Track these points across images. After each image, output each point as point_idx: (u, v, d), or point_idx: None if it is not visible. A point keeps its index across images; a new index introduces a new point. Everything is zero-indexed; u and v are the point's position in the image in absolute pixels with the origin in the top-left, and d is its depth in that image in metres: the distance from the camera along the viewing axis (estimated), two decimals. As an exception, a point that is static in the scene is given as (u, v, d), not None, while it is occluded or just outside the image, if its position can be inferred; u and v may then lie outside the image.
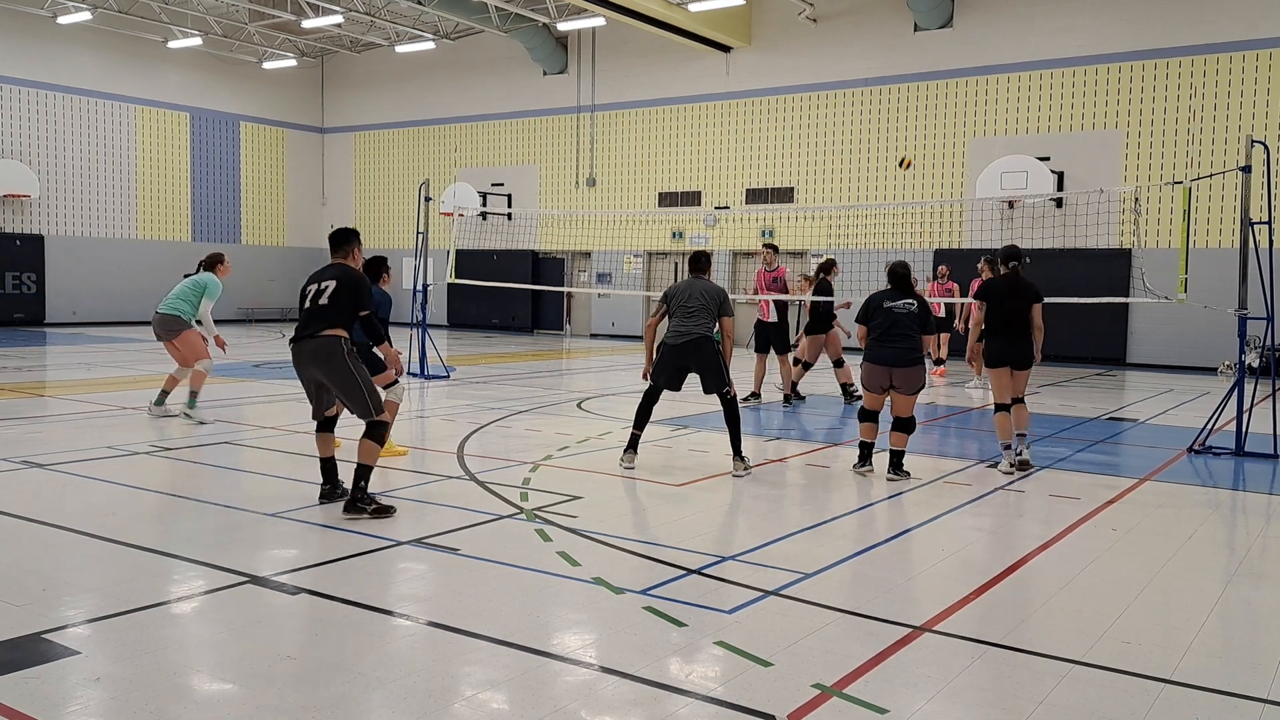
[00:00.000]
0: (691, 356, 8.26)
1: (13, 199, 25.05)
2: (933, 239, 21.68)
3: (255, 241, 30.54)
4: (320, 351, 6.44)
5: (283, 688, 3.82)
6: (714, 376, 8.26)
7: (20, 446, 8.71)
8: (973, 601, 5.01)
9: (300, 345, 6.52)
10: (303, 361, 6.54)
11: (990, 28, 21.07)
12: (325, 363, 6.44)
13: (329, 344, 6.42)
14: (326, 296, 6.51)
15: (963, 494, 7.61)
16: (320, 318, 6.48)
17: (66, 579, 5.10)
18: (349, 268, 6.71)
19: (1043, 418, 12.12)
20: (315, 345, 6.44)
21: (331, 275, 6.61)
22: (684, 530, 6.41)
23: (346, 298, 6.50)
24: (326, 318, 6.47)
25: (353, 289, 6.53)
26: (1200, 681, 4.05)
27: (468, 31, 27.41)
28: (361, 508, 6.36)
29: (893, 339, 8.03)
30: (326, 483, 6.81)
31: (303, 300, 6.63)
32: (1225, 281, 13.67)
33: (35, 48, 25.44)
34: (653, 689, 3.87)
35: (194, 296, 10.46)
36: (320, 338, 6.43)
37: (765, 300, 12.96)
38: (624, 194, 26.07)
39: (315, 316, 6.50)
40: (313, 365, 6.49)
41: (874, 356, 8.11)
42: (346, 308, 6.50)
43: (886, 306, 8.10)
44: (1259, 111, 18.50)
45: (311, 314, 6.52)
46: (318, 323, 6.46)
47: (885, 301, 8.14)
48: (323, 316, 6.47)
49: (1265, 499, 7.85)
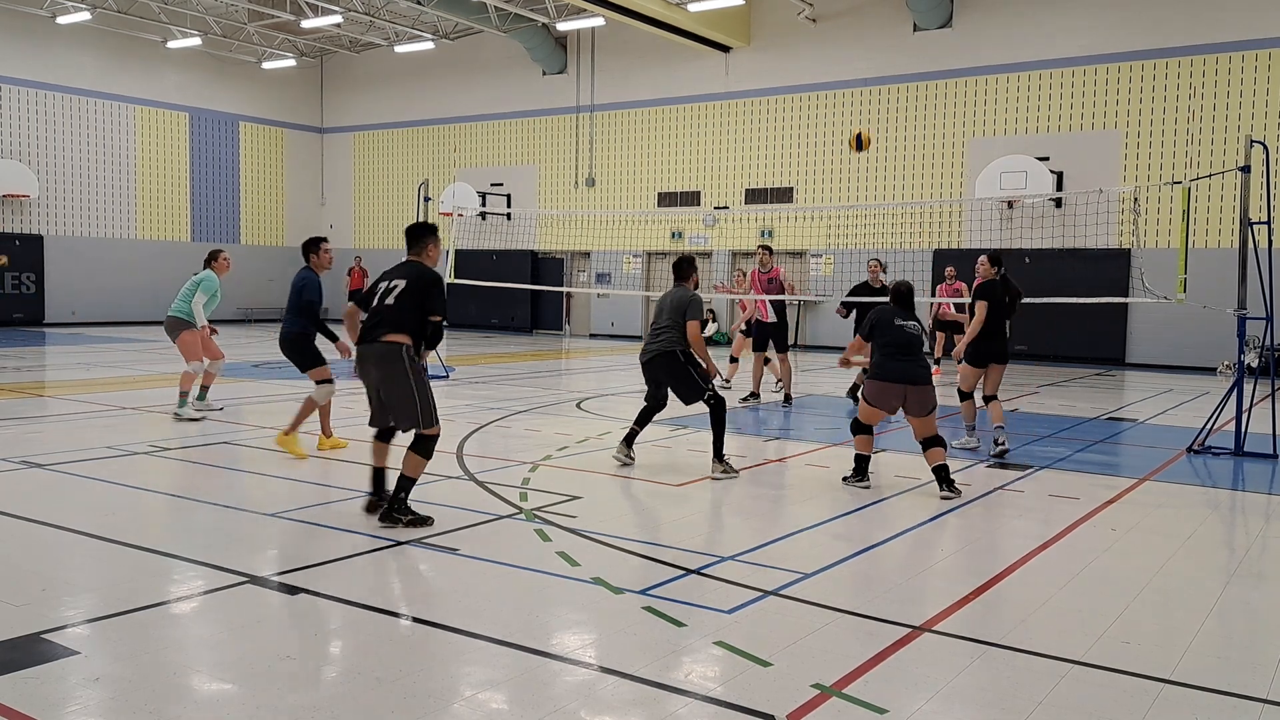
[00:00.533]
0: (660, 371, 8.21)
1: (12, 199, 25.04)
2: (932, 239, 21.68)
3: (254, 242, 30.54)
4: (383, 357, 6.17)
5: (283, 688, 3.82)
6: (687, 388, 8.14)
7: (20, 446, 8.70)
8: (973, 601, 5.01)
9: (365, 348, 6.27)
10: (365, 365, 6.29)
11: (990, 28, 21.07)
12: (384, 369, 6.18)
13: (390, 350, 6.15)
14: (393, 297, 6.20)
15: (963, 494, 7.61)
16: (386, 321, 6.18)
17: (66, 579, 5.09)
18: (422, 267, 6.36)
19: (1043, 418, 12.12)
20: (377, 350, 6.18)
21: (401, 274, 6.30)
22: (684, 530, 6.41)
23: (413, 299, 6.19)
24: (391, 321, 6.17)
25: (421, 290, 6.21)
26: (1200, 681, 4.05)
27: (467, 31, 27.40)
28: (398, 517, 6.14)
29: (905, 356, 7.58)
30: (374, 494, 6.51)
31: (371, 297, 6.36)
32: (1225, 281, 13.67)
33: (35, 48, 25.43)
34: (652, 689, 3.87)
35: (192, 295, 10.56)
36: (382, 343, 6.16)
37: (762, 301, 13.00)
38: (623, 194, 26.07)
39: (381, 319, 6.20)
40: (374, 370, 6.23)
41: (888, 374, 7.57)
42: (413, 310, 6.19)
43: (898, 324, 7.68)
44: (1258, 111, 18.50)
45: (378, 316, 6.23)
46: (382, 326, 6.18)
47: (896, 319, 7.71)
48: (388, 319, 6.18)
49: (1265, 499, 7.85)
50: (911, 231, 21.82)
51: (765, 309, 12.99)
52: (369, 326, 6.26)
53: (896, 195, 22.00)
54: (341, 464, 8.23)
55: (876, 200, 22.20)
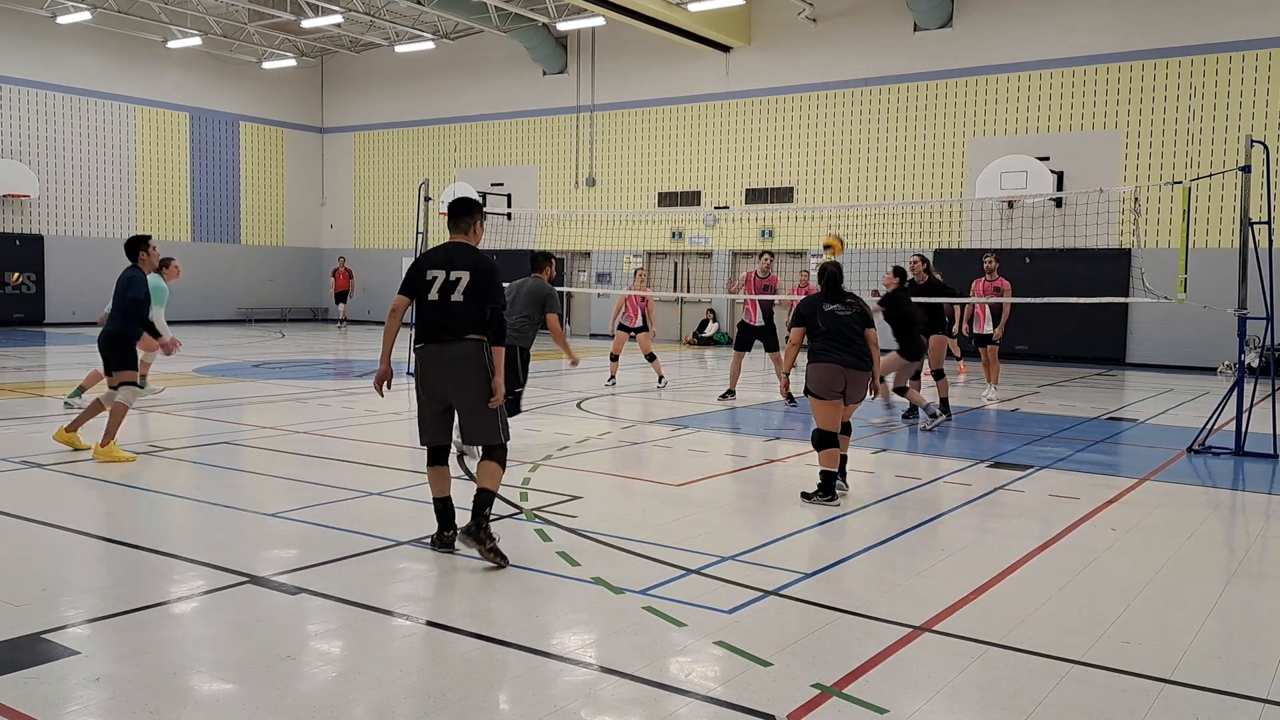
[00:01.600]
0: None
1: (12, 199, 25.04)
2: (932, 239, 21.68)
3: (254, 241, 30.54)
4: (467, 358, 5.50)
5: (283, 688, 3.82)
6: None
7: (20, 446, 8.71)
8: (973, 601, 5.01)
9: (440, 348, 5.53)
10: (438, 368, 5.55)
11: (990, 28, 21.07)
12: (468, 372, 5.51)
13: (475, 350, 5.51)
14: (460, 292, 5.52)
15: (963, 494, 7.62)
16: (461, 318, 5.51)
17: (66, 579, 5.09)
18: (478, 255, 5.67)
19: (1043, 417, 12.12)
20: (459, 351, 5.50)
21: (463, 264, 5.57)
22: (684, 530, 6.41)
23: (480, 292, 5.55)
24: (468, 318, 5.52)
25: (487, 284, 5.57)
26: (1200, 681, 4.05)
27: (467, 31, 27.40)
28: (482, 539, 5.38)
29: (844, 342, 7.33)
30: (446, 529, 5.72)
31: (426, 287, 5.57)
32: (1225, 281, 13.66)
33: (35, 48, 25.43)
34: (652, 689, 3.87)
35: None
36: (467, 341, 5.50)
37: (752, 303, 13.18)
38: (623, 194, 26.07)
39: (453, 316, 5.51)
40: (453, 372, 5.52)
41: (830, 358, 7.29)
42: (481, 304, 5.56)
43: (829, 310, 7.45)
44: (1259, 111, 18.50)
45: (447, 313, 5.52)
46: (459, 323, 5.50)
47: (825, 305, 7.48)
48: (463, 316, 5.51)
49: (1265, 499, 7.85)
50: (912, 231, 21.82)
51: (754, 312, 13.18)
52: (435, 325, 5.54)
53: (896, 195, 22.00)
54: (341, 464, 8.23)
55: (876, 200, 22.20)
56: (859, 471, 8.63)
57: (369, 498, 7.02)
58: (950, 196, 21.43)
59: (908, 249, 21.27)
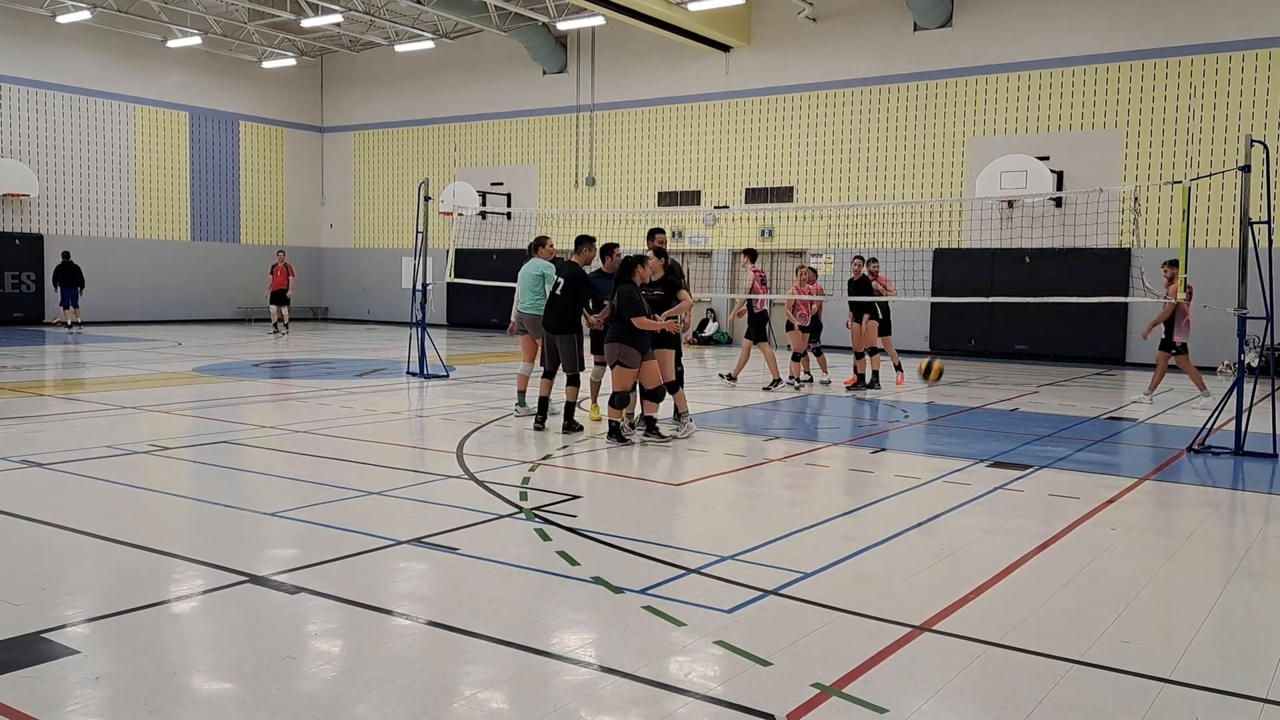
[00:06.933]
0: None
1: (12, 199, 25.04)
2: (932, 239, 21.68)
3: (254, 241, 30.53)
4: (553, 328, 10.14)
5: (283, 688, 3.82)
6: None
7: (20, 446, 8.71)
8: (973, 601, 5.01)
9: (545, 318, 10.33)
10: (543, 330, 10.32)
11: (990, 27, 21.07)
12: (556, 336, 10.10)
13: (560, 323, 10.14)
14: (560, 290, 10.01)
15: (963, 494, 7.62)
16: (557, 305, 10.04)
17: (66, 579, 5.09)
18: (575, 267, 9.98)
19: (1043, 417, 12.13)
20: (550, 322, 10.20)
21: (563, 273, 10.06)
22: (684, 530, 6.41)
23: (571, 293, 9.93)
24: (561, 305, 10.02)
25: (574, 286, 9.93)
26: (1199, 681, 4.05)
27: (467, 31, 27.40)
28: (570, 424, 9.86)
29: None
30: (540, 413, 10.12)
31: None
32: (1225, 281, 13.67)
33: (34, 47, 25.42)
34: (652, 688, 3.87)
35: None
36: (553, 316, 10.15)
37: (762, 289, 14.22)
38: (623, 193, 26.07)
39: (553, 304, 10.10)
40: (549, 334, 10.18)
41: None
42: (572, 299, 9.95)
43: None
44: (1258, 111, 18.50)
45: (552, 301, 10.12)
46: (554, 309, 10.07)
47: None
48: (558, 305, 10.03)
49: (1265, 499, 7.85)
50: (912, 231, 21.81)
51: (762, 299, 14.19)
52: (547, 308, 10.13)
53: (896, 195, 22.00)
54: (341, 463, 8.23)
55: (876, 200, 22.20)
56: (859, 471, 8.64)
57: (369, 497, 7.02)
58: (950, 196, 21.43)
59: (908, 249, 21.30)
